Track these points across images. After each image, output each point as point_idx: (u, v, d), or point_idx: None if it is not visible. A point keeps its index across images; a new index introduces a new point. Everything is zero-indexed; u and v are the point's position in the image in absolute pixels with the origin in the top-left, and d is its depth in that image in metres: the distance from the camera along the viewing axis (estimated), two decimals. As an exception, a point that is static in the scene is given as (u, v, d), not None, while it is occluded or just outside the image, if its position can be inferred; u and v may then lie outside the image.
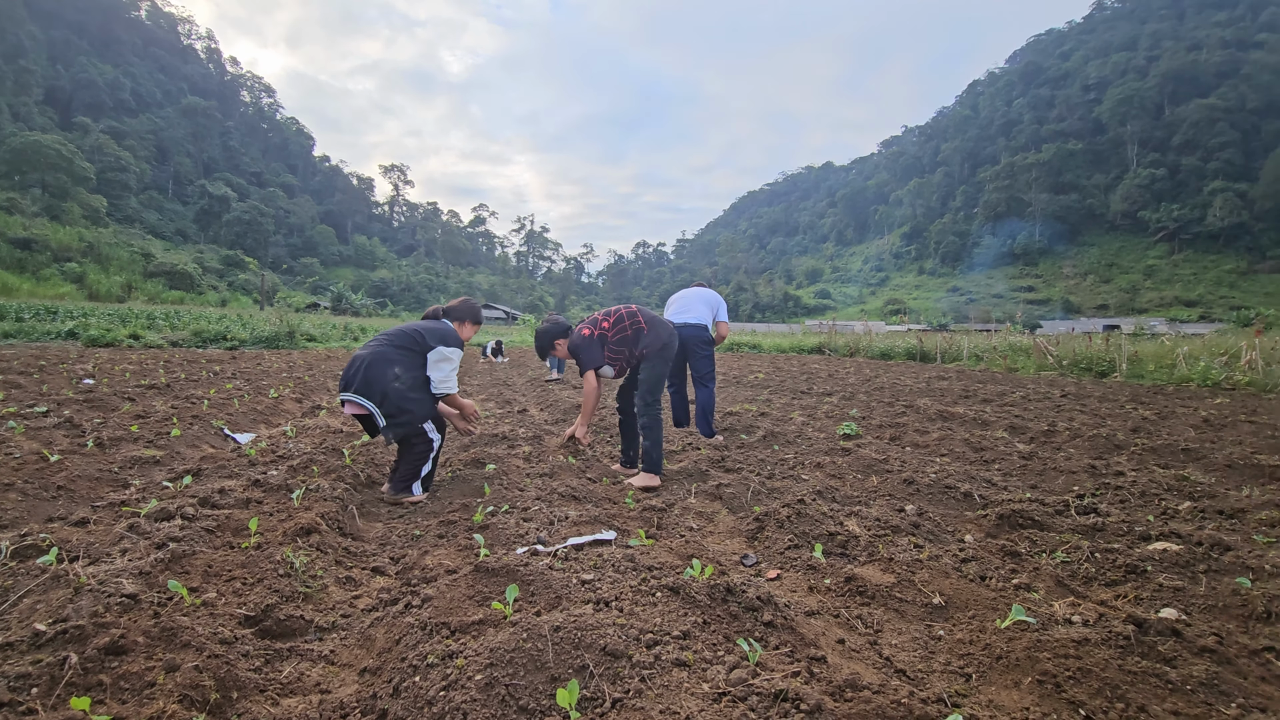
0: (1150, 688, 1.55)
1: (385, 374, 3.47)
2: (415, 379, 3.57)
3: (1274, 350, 10.95)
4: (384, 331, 3.74)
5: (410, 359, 3.59)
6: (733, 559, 2.69)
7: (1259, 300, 65.18)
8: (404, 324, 3.78)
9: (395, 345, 3.58)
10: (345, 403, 3.55)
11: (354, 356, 3.59)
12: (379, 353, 3.53)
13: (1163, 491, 3.75)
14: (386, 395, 3.45)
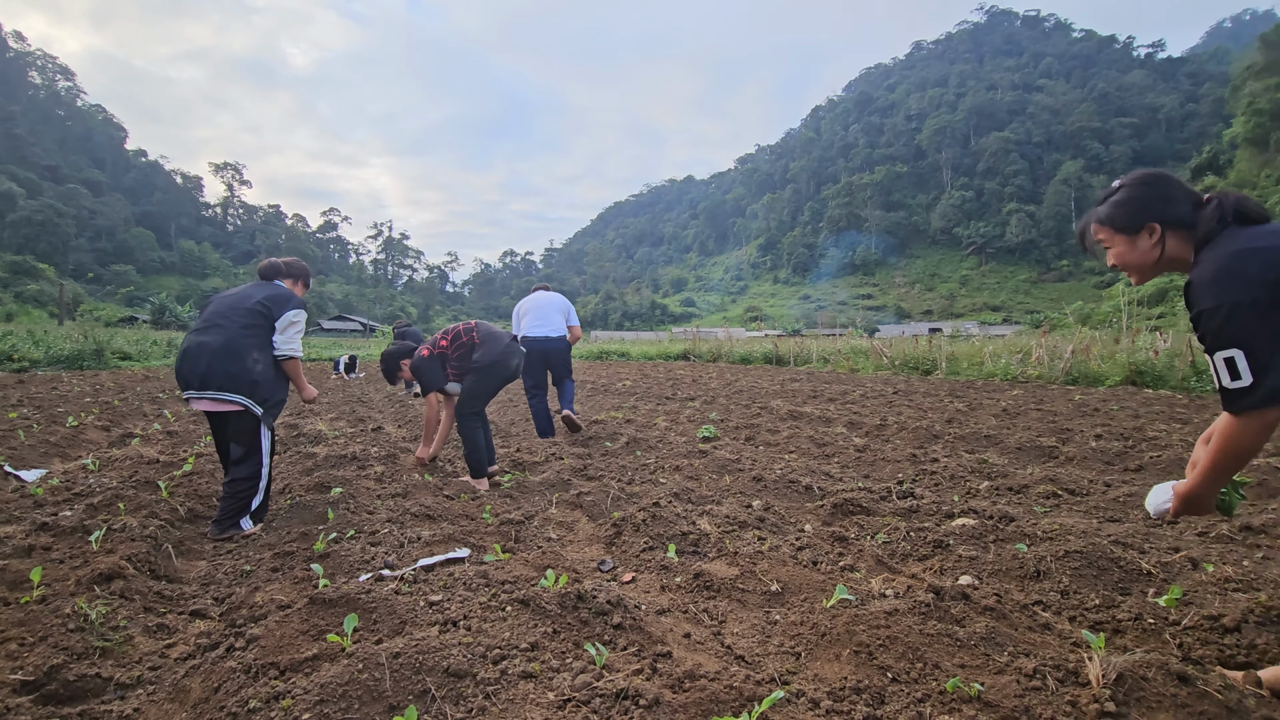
0: (943, 646, 1.77)
1: (246, 362, 3.21)
2: (270, 359, 3.35)
3: (1055, 348, 12.90)
4: (214, 310, 3.38)
5: (262, 338, 3.33)
6: (590, 566, 2.73)
7: (1046, 305, 76.62)
8: (234, 294, 3.44)
9: (244, 326, 3.28)
10: (194, 400, 3.20)
11: (194, 345, 3.22)
12: (232, 340, 3.22)
13: (967, 474, 4.30)
14: (257, 384, 3.23)
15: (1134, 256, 1.68)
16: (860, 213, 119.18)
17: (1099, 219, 1.74)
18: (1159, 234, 1.64)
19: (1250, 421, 1.40)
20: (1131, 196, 1.67)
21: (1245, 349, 1.37)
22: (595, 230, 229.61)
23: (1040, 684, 1.60)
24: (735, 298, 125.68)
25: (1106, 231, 1.72)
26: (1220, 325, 1.41)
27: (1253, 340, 1.37)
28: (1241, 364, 1.37)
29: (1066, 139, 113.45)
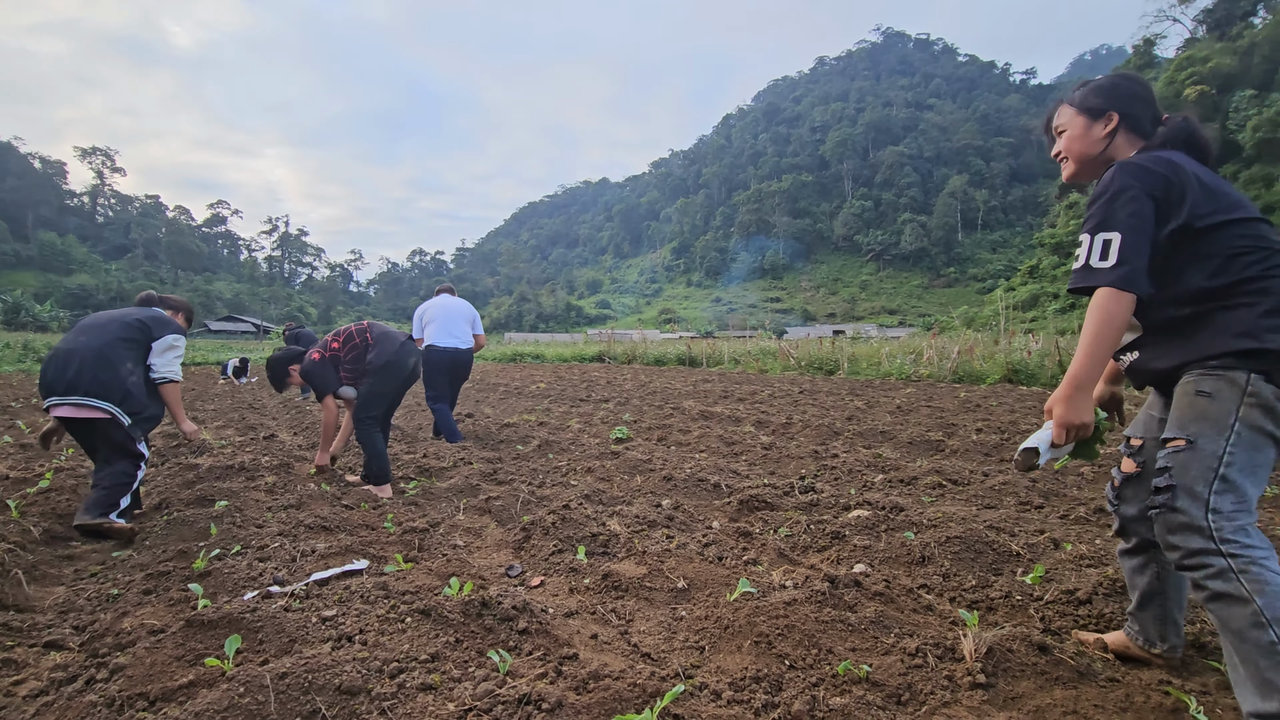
0: (836, 632, 1.86)
1: (119, 371, 3.11)
2: (144, 376, 3.28)
3: (944, 349, 13.89)
4: (90, 321, 3.30)
5: (137, 353, 3.27)
6: (498, 572, 2.68)
7: (935, 309, 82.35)
8: (113, 312, 3.37)
9: (120, 338, 3.19)
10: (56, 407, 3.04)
11: (64, 350, 3.11)
12: (107, 347, 3.13)
13: (864, 468, 4.54)
14: (129, 394, 3.12)
15: (1083, 143, 1.72)
16: (769, 219, 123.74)
17: (1069, 101, 1.77)
18: (1114, 124, 1.68)
19: (1110, 299, 1.44)
20: (1107, 85, 1.73)
21: (1123, 236, 1.45)
22: (509, 230, 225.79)
23: (922, 661, 1.72)
24: (650, 300, 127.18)
25: (1070, 113, 1.75)
26: (1110, 207, 1.48)
27: (1131, 233, 1.45)
28: (1114, 248, 1.45)
29: (953, 155, 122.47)
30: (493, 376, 16.06)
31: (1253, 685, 1.32)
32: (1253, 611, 1.31)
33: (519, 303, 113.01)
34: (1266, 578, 1.33)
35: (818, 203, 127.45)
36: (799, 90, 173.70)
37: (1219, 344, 1.43)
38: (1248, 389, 1.40)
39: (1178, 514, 1.41)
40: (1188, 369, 1.49)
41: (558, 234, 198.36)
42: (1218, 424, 1.41)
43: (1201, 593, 1.39)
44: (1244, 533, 1.38)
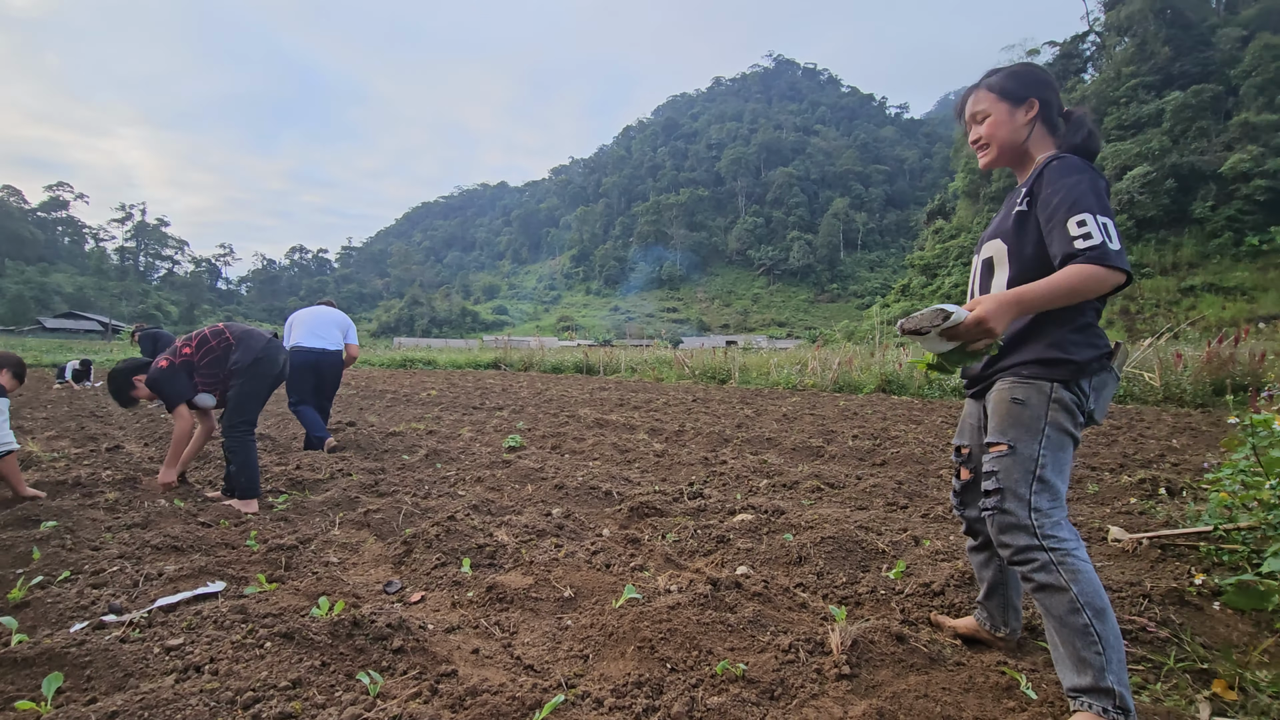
0: (717, 633, 1.92)
1: None
2: None
3: (826, 360, 14.75)
4: None
5: None
6: (374, 589, 2.54)
7: (820, 322, 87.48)
8: None
9: None
10: None
11: None
12: None
13: (750, 473, 4.72)
14: None
15: (1006, 129, 1.73)
16: (667, 230, 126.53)
17: (987, 86, 1.78)
18: (1035, 111, 1.72)
19: (1112, 275, 1.46)
20: (1022, 71, 1.76)
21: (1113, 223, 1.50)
22: (401, 230, 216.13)
23: (794, 657, 1.80)
24: (548, 307, 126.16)
25: (991, 99, 1.76)
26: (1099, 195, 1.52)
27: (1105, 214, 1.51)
28: (1113, 232, 1.48)
29: (836, 179, 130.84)
30: (379, 383, 15.28)
31: (1071, 663, 1.49)
32: (1070, 598, 1.48)
33: (411, 306, 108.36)
34: (1079, 567, 1.51)
35: (713, 217, 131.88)
36: (697, 107, 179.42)
37: (1032, 352, 1.62)
38: (1052, 395, 1.58)
39: (1007, 515, 1.57)
40: (1002, 374, 1.67)
41: (453, 236, 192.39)
42: (1031, 429, 1.58)
43: (1029, 584, 1.55)
44: (1060, 527, 1.55)
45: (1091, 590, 1.49)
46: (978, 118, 1.79)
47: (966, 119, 1.84)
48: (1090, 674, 1.45)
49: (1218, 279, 47.25)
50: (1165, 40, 62.01)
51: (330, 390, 5.80)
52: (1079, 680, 1.46)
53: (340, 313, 5.95)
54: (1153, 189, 51.99)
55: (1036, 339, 1.62)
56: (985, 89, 1.78)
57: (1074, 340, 1.58)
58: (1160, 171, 52.05)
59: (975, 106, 1.79)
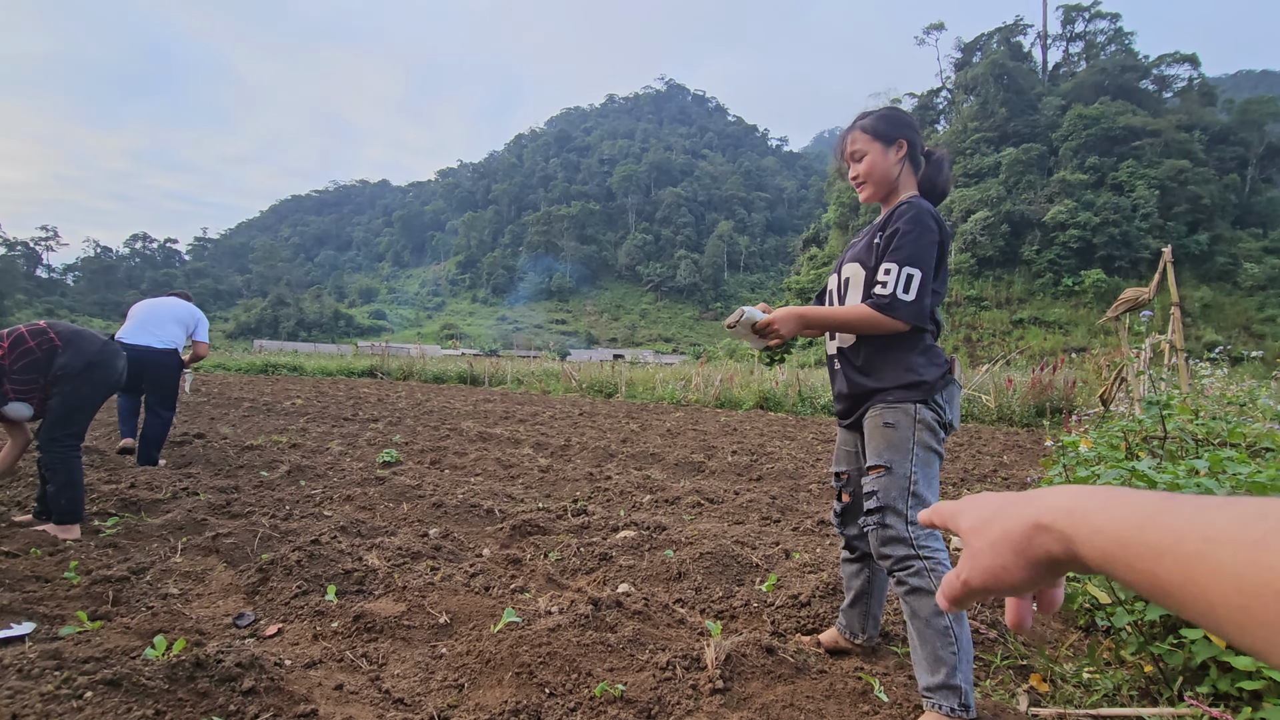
0: (597, 654, 1.92)
1: None
2: None
3: (709, 377, 15.29)
4: None
5: None
6: (223, 623, 2.31)
7: (705, 339, 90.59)
8: None
9: None
10: None
11: None
12: None
13: (634, 489, 4.78)
14: None
15: (881, 166, 1.88)
16: (558, 242, 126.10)
17: (861, 127, 1.91)
18: (904, 151, 1.88)
19: (891, 322, 1.72)
20: (892, 114, 1.91)
21: (923, 274, 1.72)
22: (267, 224, 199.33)
23: (672, 674, 1.84)
24: (432, 314, 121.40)
25: (865, 139, 1.89)
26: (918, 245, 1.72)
27: (928, 273, 1.73)
28: (915, 284, 1.71)
29: (722, 202, 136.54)
30: (235, 390, 13.96)
31: (927, 663, 1.64)
32: (935, 601, 1.63)
33: (275, 307, 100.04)
34: (945, 574, 1.67)
35: (604, 231, 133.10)
36: (590, 122, 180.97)
37: (892, 379, 1.79)
38: (916, 416, 1.76)
39: (888, 529, 1.72)
40: (873, 401, 1.83)
41: (327, 233, 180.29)
42: (903, 449, 1.75)
43: (903, 588, 1.70)
44: (932, 537, 1.73)
45: None
46: (855, 156, 1.93)
47: (845, 157, 1.97)
48: (944, 672, 1.60)
49: (1041, 313, 54.20)
50: (1002, 102, 70.68)
51: (159, 392, 4.97)
52: (932, 679, 1.61)
53: (188, 305, 5.29)
54: (991, 231, 58.90)
55: (893, 366, 1.79)
56: (860, 130, 1.92)
57: (921, 362, 1.78)
58: (997, 217, 59.11)
59: (853, 146, 1.93)
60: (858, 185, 1.96)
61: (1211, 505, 0.36)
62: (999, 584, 0.49)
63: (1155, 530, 0.37)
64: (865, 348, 1.85)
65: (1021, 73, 73.90)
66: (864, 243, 1.90)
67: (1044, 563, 0.46)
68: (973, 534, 0.51)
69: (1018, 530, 0.47)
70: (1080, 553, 0.43)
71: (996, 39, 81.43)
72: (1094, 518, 0.42)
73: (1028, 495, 0.48)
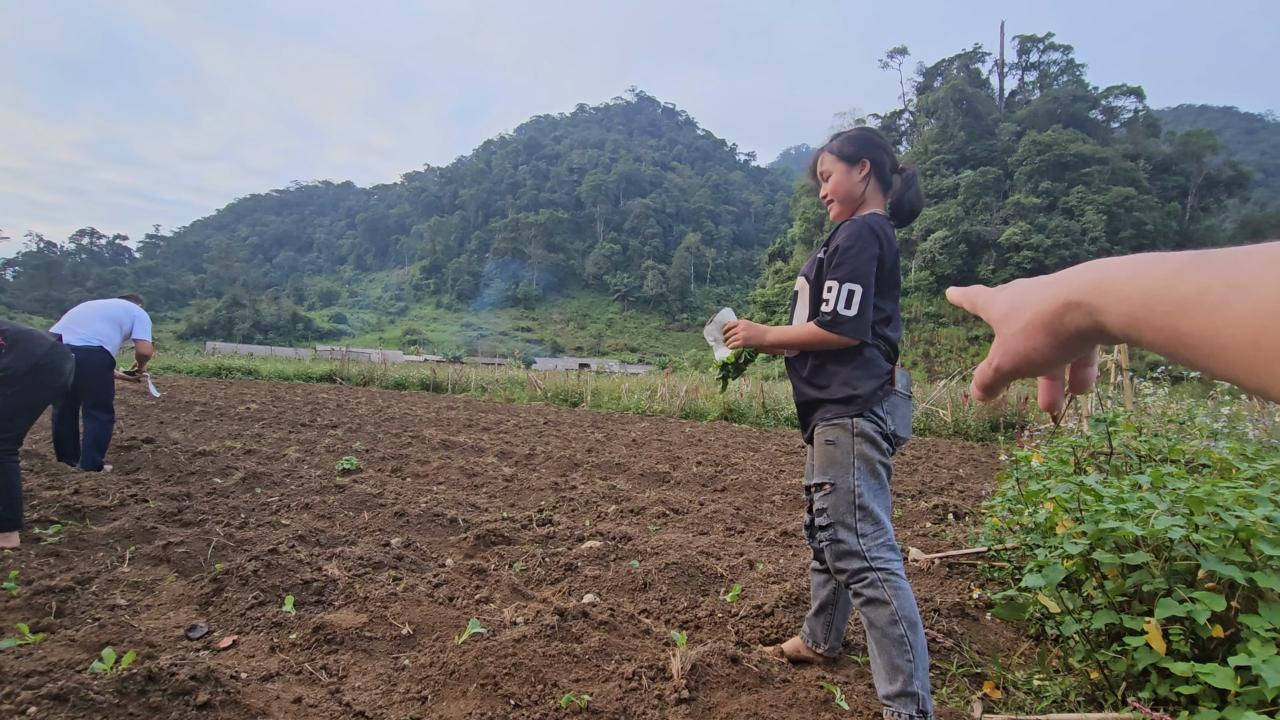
0: (563, 664, 1.92)
1: None
2: None
3: (674, 388, 15.36)
4: None
5: None
6: (175, 635, 2.23)
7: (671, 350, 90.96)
8: None
9: None
10: None
11: None
12: None
13: (599, 499, 4.77)
14: None
15: (846, 185, 1.95)
16: (525, 249, 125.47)
17: (828, 149, 2.00)
18: (868, 170, 1.95)
19: (837, 339, 1.79)
20: (857, 136, 1.99)
21: (864, 290, 1.77)
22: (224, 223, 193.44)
23: (637, 684, 1.85)
24: (394, 319, 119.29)
25: (832, 159, 1.98)
26: (858, 261, 1.78)
27: (870, 288, 1.79)
28: (856, 299, 1.76)
29: (690, 214, 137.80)
30: (186, 393, 13.50)
31: (886, 672, 1.68)
32: (891, 611, 1.69)
33: (230, 308, 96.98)
34: (900, 585, 1.73)
35: (572, 240, 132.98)
36: (560, 130, 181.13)
37: (830, 394, 1.84)
38: (854, 431, 1.81)
39: (840, 543, 1.76)
40: (816, 416, 1.88)
41: (287, 235, 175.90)
42: (844, 465, 1.79)
43: (859, 599, 1.74)
44: (884, 549, 1.77)
45: (909, 606, 1.71)
46: (824, 176, 2.01)
47: (816, 176, 2.06)
48: (901, 680, 1.64)
49: (995, 331, 55.95)
50: (961, 126, 73.18)
51: (90, 392, 4.74)
52: (890, 687, 1.66)
53: (126, 304, 5.07)
54: (949, 250, 60.72)
55: (831, 382, 1.85)
56: (828, 151, 2.01)
57: (857, 376, 1.83)
58: (955, 236, 60.99)
59: (822, 167, 2.02)
60: (826, 203, 2.03)
61: (1240, 254, 0.36)
62: (1030, 365, 0.51)
63: (1179, 285, 0.38)
64: (809, 359, 1.92)
65: (980, 99, 76.70)
66: (813, 257, 1.98)
67: (1073, 339, 0.47)
68: (1003, 321, 0.52)
69: (1048, 310, 0.48)
70: (1105, 322, 0.44)
71: (957, 65, 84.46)
72: (1121, 286, 0.42)
73: (1056, 275, 0.49)
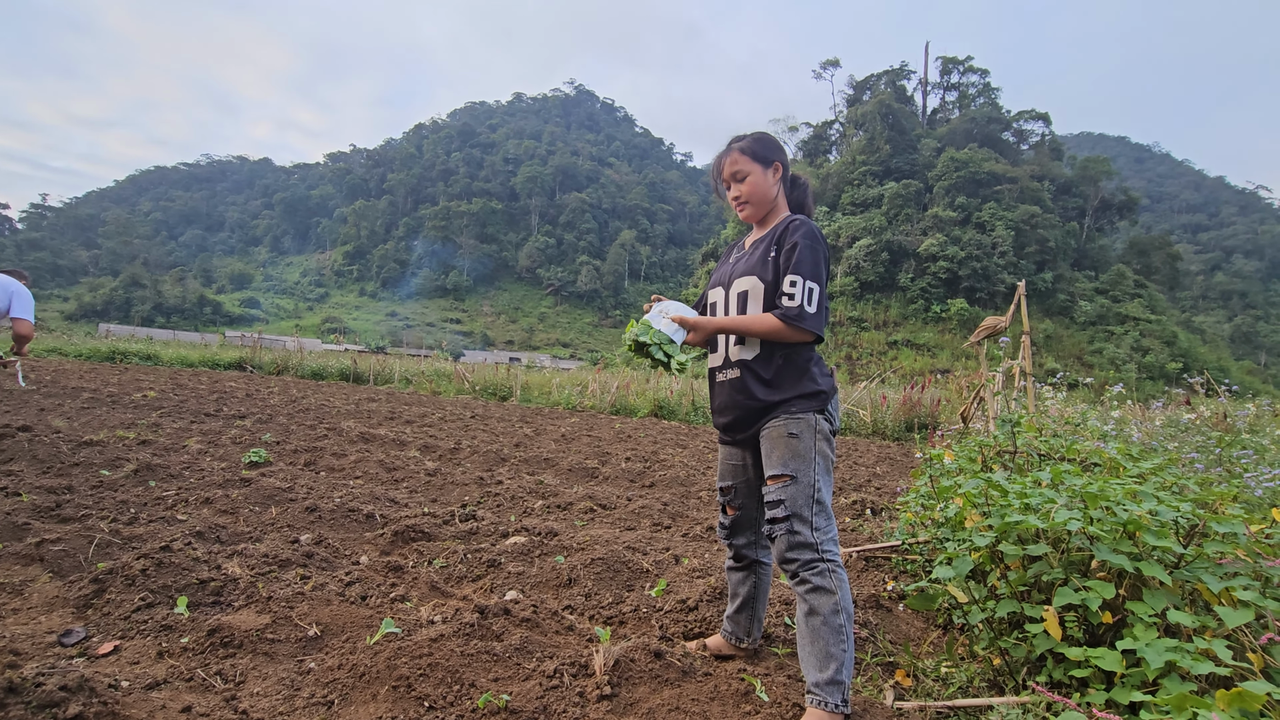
0: (482, 664, 1.86)
1: None
2: None
3: (605, 383, 15.33)
4: None
5: None
6: (46, 641, 2.02)
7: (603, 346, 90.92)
8: None
9: None
10: None
11: None
12: None
13: (526, 494, 4.68)
14: None
15: (763, 187, 1.97)
16: (456, 239, 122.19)
17: (741, 149, 1.99)
18: (780, 173, 2.01)
19: (792, 331, 1.80)
20: (765, 139, 2.01)
21: (821, 289, 1.81)
22: (124, 195, 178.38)
23: (558, 682, 1.81)
24: (314, 305, 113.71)
25: (746, 160, 1.97)
26: (816, 260, 1.82)
27: (823, 287, 1.83)
28: (816, 297, 1.79)
29: (626, 211, 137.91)
30: (73, 378, 12.38)
31: (817, 660, 1.71)
32: (835, 600, 1.74)
33: (128, 288, 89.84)
34: (844, 577, 1.79)
35: (505, 231, 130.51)
36: (495, 119, 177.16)
37: (793, 390, 1.87)
38: (816, 427, 1.85)
39: (796, 535, 1.78)
40: (775, 413, 1.89)
41: (195, 211, 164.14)
42: (806, 459, 1.82)
43: (804, 586, 1.77)
44: (833, 543, 1.82)
45: (849, 599, 1.78)
46: (738, 176, 2.00)
47: (724, 178, 2.04)
48: (833, 668, 1.68)
49: (913, 336, 58.97)
50: (887, 139, 76.55)
51: None
52: (821, 675, 1.69)
53: (5, 279, 4.67)
54: (873, 258, 63.46)
55: (796, 376, 1.87)
56: (739, 152, 1.99)
57: (816, 373, 1.90)
58: (878, 245, 63.80)
59: (734, 167, 2.00)
60: (739, 205, 2.03)
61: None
62: None
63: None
64: (774, 359, 1.90)
65: (904, 114, 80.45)
66: (757, 258, 1.95)
67: None
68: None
69: None
70: None
71: (884, 80, 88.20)
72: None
73: None
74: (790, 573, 1.81)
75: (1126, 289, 61.89)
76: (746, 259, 2.00)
